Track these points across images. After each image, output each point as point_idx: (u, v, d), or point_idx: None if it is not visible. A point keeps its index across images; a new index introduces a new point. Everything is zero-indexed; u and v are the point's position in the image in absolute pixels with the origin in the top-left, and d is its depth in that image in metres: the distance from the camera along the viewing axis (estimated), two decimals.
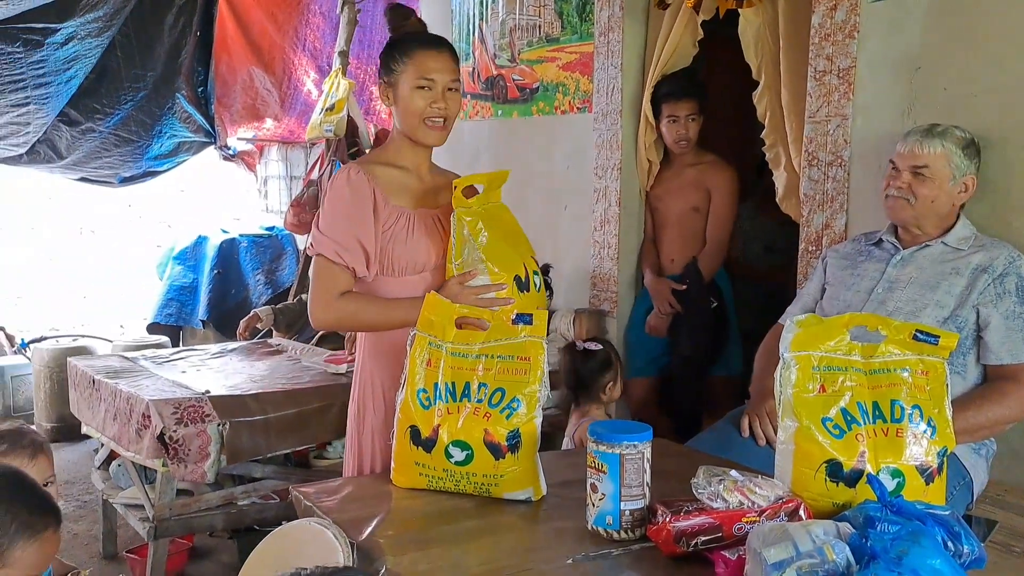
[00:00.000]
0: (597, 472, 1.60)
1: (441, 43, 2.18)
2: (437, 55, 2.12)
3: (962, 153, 2.22)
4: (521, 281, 2.11)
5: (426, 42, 2.15)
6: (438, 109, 2.10)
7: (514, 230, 2.24)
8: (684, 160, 3.73)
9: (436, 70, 2.10)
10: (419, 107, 2.10)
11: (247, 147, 6.25)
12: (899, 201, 2.27)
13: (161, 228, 6.89)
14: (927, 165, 2.23)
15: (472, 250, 2.08)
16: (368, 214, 2.08)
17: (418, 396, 1.85)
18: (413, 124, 2.13)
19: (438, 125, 2.13)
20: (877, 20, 2.64)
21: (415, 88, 2.10)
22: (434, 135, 2.14)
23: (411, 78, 2.10)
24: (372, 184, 2.10)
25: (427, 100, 2.10)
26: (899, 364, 1.54)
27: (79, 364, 3.52)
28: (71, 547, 3.63)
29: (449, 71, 2.12)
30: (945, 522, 1.30)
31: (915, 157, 2.24)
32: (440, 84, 2.10)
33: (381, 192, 2.11)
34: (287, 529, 1.71)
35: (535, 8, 4.28)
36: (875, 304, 2.26)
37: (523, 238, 2.25)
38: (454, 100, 2.13)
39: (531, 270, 2.16)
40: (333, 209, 2.10)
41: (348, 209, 2.08)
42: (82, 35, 4.47)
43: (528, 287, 2.13)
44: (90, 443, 4.23)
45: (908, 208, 2.27)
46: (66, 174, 5.43)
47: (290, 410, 3.10)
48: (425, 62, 2.10)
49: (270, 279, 5.96)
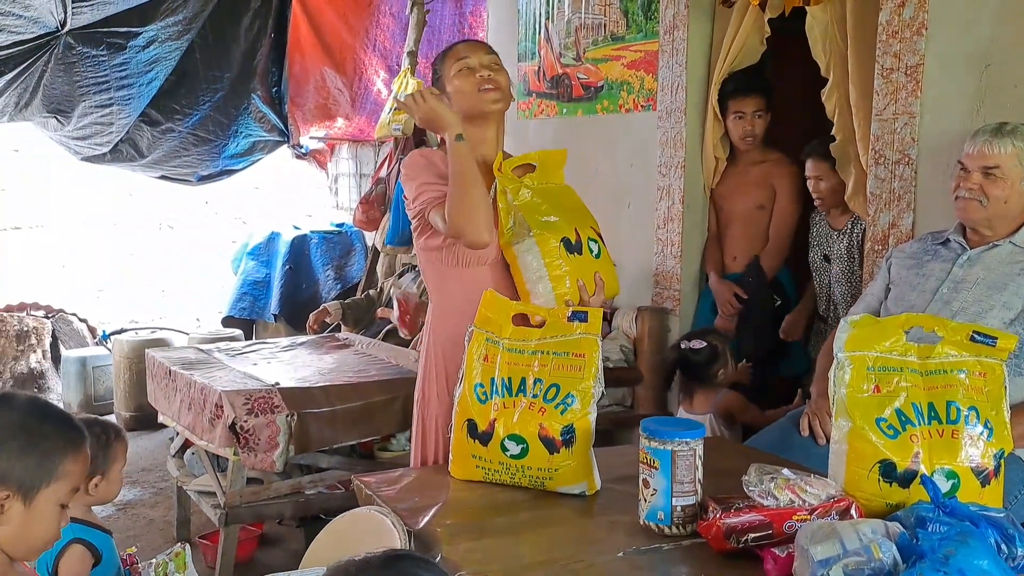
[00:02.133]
0: (649, 468, 1.62)
1: (471, 39, 2.29)
2: (469, 44, 2.28)
3: None
4: (571, 244, 2.09)
5: (456, 43, 2.31)
6: (482, 78, 2.19)
7: (574, 205, 2.24)
8: (750, 158, 3.71)
9: (470, 52, 2.23)
10: (466, 86, 2.19)
11: (319, 146, 6.39)
12: (971, 203, 2.23)
13: (236, 224, 7.07)
14: (998, 165, 2.19)
15: (517, 214, 2.09)
16: (441, 170, 2.16)
17: (475, 390, 1.90)
18: (469, 101, 2.19)
19: (491, 90, 2.20)
20: (946, 16, 2.60)
21: (458, 73, 2.21)
22: (490, 97, 2.20)
23: (451, 70, 2.22)
24: (444, 158, 2.16)
25: (471, 77, 2.20)
26: (956, 365, 1.53)
27: (156, 355, 3.66)
28: (147, 532, 3.77)
29: (483, 53, 2.24)
30: (999, 524, 1.29)
31: (985, 157, 2.20)
32: (479, 62, 2.21)
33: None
34: (348, 517, 1.77)
35: (600, 7, 4.29)
36: (940, 304, 2.23)
37: (584, 211, 2.24)
38: (500, 74, 2.22)
39: (586, 236, 2.15)
40: (417, 180, 2.18)
41: (423, 173, 2.18)
42: (163, 38, 4.64)
43: (579, 250, 2.11)
44: (166, 432, 4.39)
45: (981, 209, 2.22)
46: (147, 172, 5.62)
47: (356, 403, 3.18)
48: (458, 51, 2.24)
49: (339, 274, 6.07)
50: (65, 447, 1.45)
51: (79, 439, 1.49)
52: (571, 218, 2.15)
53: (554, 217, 2.11)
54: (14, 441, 1.39)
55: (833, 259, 3.36)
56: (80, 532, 2.01)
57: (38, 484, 1.40)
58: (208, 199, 6.86)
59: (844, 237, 3.32)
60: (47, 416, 1.48)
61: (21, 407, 1.46)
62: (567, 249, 2.08)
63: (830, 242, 3.38)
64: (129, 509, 4.04)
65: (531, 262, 2.07)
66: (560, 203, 2.17)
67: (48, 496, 1.41)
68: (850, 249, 3.29)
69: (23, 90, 4.52)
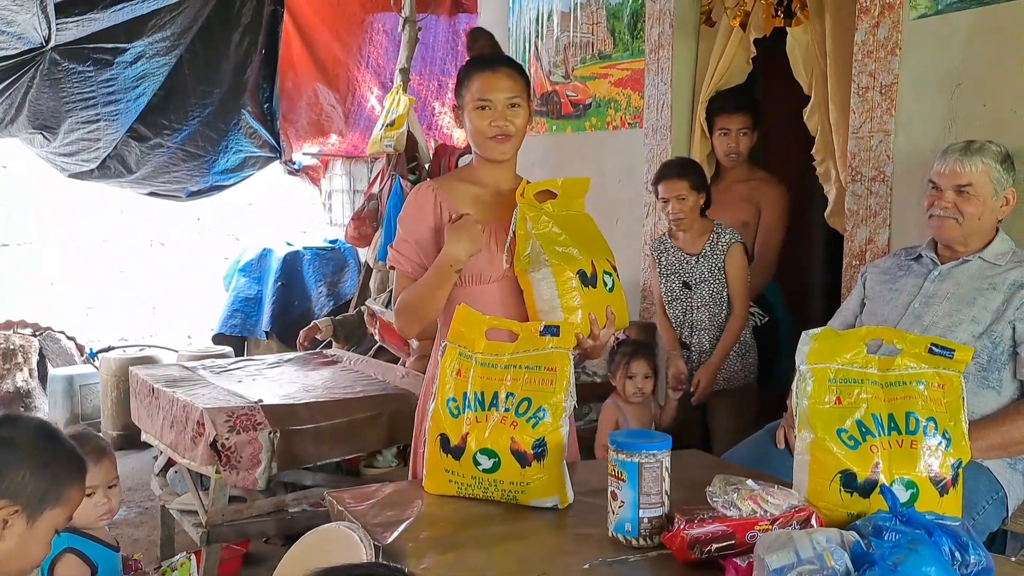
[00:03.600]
0: (617, 480, 1.64)
1: (499, 63, 2.24)
2: (493, 76, 2.19)
3: (1001, 167, 2.21)
4: (586, 276, 2.09)
5: (484, 65, 2.23)
6: (497, 127, 2.17)
7: (592, 236, 2.24)
8: (735, 175, 3.73)
9: (491, 89, 2.17)
10: (481, 126, 2.18)
11: (312, 162, 6.42)
12: (947, 221, 2.25)
13: (229, 241, 7.07)
14: (971, 183, 2.21)
15: (535, 244, 2.08)
16: (428, 221, 2.19)
17: (448, 405, 1.91)
18: (479, 142, 2.21)
19: (501, 140, 2.19)
20: (919, 37, 2.64)
21: (475, 110, 2.18)
22: (498, 149, 2.20)
23: (472, 100, 2.19)
24: (440, 198, 2.20)
25: (487, 119, 2.17)
26: (915, 377, 1.55)
27: (140, 373, 3.64)
28: (131, 552, 3.75)
29: (507, 89, 2.18)
30: (953, 533, 1.31)
31: (958, 176, 2.22)
32: (497, 103, 2.17)
33: (449, 204, 2.20)
34: (317, 532, 1.78)
35: (588, 26, 4.34)
36: (911, 319, 2.25)
37: (602, 243, 2.25)
38: (517, 115, 2.19)
39: (602, 269, 2.15)
40: (400, 227, 2.24)
41: (409, 223, 2.22)
42: (150, 54, 4.67)
43: (595, 283, 2.11)
44: (152, 451, 4.38)
45: (956, 227, 2.25)
46: (135, 189, 5.64)
47: (341, 419, 3.18)
48: (482, 84, 2.18)
49: (332, 291, 6.08)
50: (72, 473, 1.48)
51: (84, 468, 1.53)
52: (588, 249, 2.15)
53: (573, 249, 2.11)
54: (30, 459, 1.41)
55: (694, 284, 3.23)
56: (74, 542, 2.02)
57: (44, 505, 1.42)
58: (200, 215, 6.87)
59: (704, 260, 3.20)
60: (59, 441, 1.51)
61: (35, 428, 1.49)
62: (582, 282, 2.08)
63: (688, 268, 3.24)
64: (113, 529, 3.99)
65: (545, 291, 2.07)
66: (578, 233, 2.17)
67: (49, 519, 1.43)
68: (713, 270, 3.19)
69: (8, 106, 4.53)
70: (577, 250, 2.10)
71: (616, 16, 4.13)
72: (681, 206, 3.15)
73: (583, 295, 2.06)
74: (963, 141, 2.28)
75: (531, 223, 2.09)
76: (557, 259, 2.06)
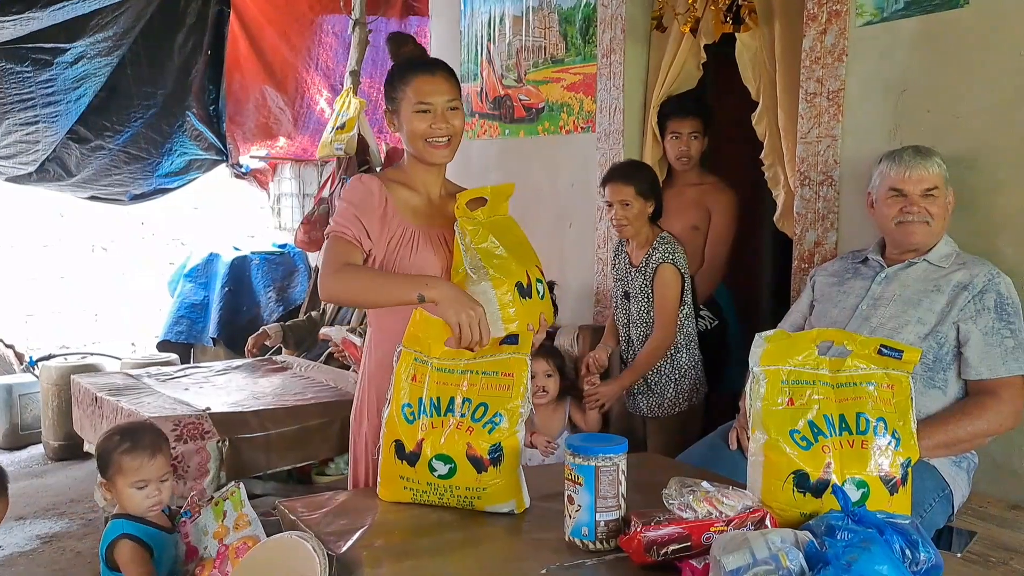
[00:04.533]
0: (573, 484, 1.63)
1: (436, 66, 2.23)
2: (432, 79, 2.18)
3: (946, 169, 2.27)
4: (523, 287, 2.12)
5: (421, 67, 2.21)
6: (439, 129, 2.16)
7: (520, 241, 2.26)
8: (686, 179, 3.77)
9: (433, 92, 2.16)
10: (421, 129, 2.16)
11: (260, 165, 6.33)
12: (920, 226, 2.27)
13: (174, 246, 6.94)
14: (936, 186, 2.27)
15: (474, 258, 2.10)
16: (374, 204, 2.16)
17: (403, 411, 1.89)
18: (418, 146, 2.19)
19: (441, 144, 2.18)
20: (865, 44, 2.69)
21: (415, 112, 2.16)
22: (439, 153, 2.20)
23: (411, 104, 2.16)
24: (385, 192, 2.18)
25: (427, 122, 2.16)
26: (865, 378, 1.57)
27: (82, 381, 3.57)
28: (74, 565, 3.65)
29: (446, 92, 2.17)
30: (904, 531, 1.33)
31: (923, 180, 2.26)
32: (438, 105, 2.16)
33: (392, 201, 2.19)
34: (269, 543, 1.75)
35: (541, 30, 4.35)
36: (859, 321, 2.29)
37: (529, 249, 2.27)
38: (456, 117, 2.19)
39: (534, 278, 2.17)
40: (344, 202, 2.18)
41: (356, 199, 2.17)
42: (92, 54, 4.55)
43: (530, 294, 2.14)
44: (95, 461, 4.27)
45: (928, 230, 2.28)
46: (76, 192, 5.47)
47: (291, 427, 3.14)
48: (422, 87, 2.16)
49: (281, 296, 5.99)
50: None
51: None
52: (521, 258, 2.18)
53: (510, 261, 2.13)
54: None
55: (632, 297, 3.20)
56: (129, 528, 2.16)
57: None
58: (145, 220, 6.73)
59: (640, 274, 3.14)
60: None
61: None
62: (520, 294, 2.10)
63: (630, 278, 3.20)
64: (56, 542, 3.90)
65: (485, 305, 2.05)
66: (509, 239, 2.20)
67: None
68: (644, 287, 3.13)
69: None
70: (514, 262, 2.13)
71: (568, 20, 4.15)
72: (625, 212, 3.06)
73: (520, 307, 2.09)
74: (908, 146, 2.34)
75: (469, 237, 2.11)
76: (497, 272, 2.08)
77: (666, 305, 3.07)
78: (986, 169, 2.39)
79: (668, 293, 3.06)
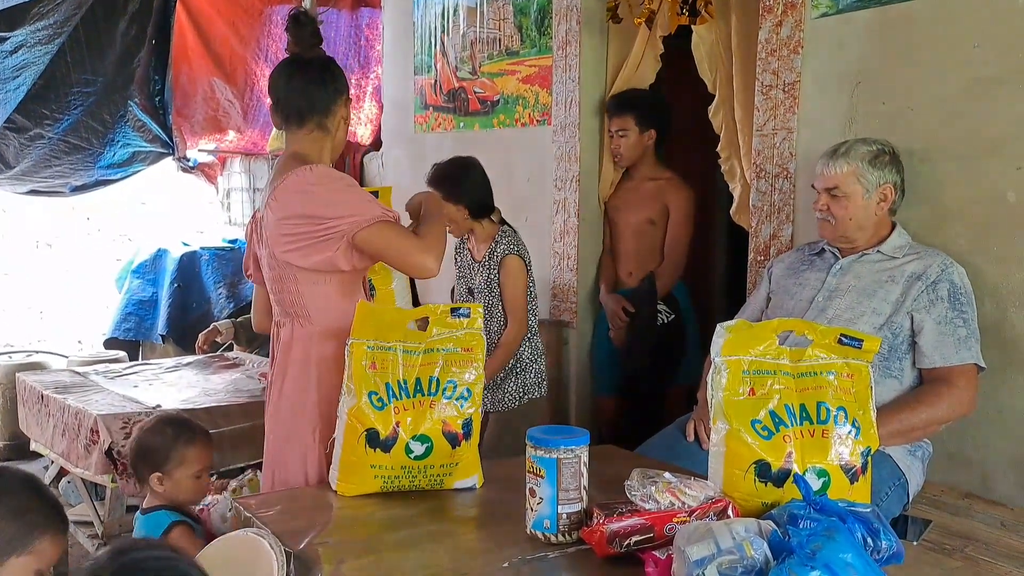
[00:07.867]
0: (535, 477, 1.62)
1: None
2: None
3: (870, 167, 2.29)
4: None
5: None
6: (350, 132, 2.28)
7: None
8: (642, 173, 3.78)
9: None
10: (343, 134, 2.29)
11: (208, 159, 6.20)
12: (823, 223, 2.37)
13: (121, 242, 6.79)
14: (837, 186, 2.31)
15: None
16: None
17: (369, 399, 1.87)
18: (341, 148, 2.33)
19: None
20: (821, 36, 2.71)
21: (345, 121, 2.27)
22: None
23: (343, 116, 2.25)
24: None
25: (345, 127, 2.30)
26: (825, 368, 1.58)
27: (28, 379, 3.49)
28: None
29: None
30: (865, 519, 1.33)
31: (825, 179, 2.33)
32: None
33: None
34: (222, 541, 1.71)
35: (495, 22, 4.32)
36: (816, 312, 2.31)
37: None
38: None
39: None
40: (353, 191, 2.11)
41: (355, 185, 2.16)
42: (32, 43, 4.41)
43: None
44: (42, 461, 4.16)
45: (831, 228, 2.36)
46: (14, 187, 5.25)
47: (244, 423, 3.09)
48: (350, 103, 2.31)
49: (232, 292, 5.87)
50: (47, 525, 1.50)
51: (63, 525, 1.55)
52: None
53: None
54: (3, 506, 1.45)
55: (476, 292, 3.23)
56: (176, 517, 2.25)
57: (10, 552, 1.43)
58: (90, 215, 6.56)
59: (484, 269, 3.17)
60: (40, 494, 1.54)
61: (16, 478, 1.54)
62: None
63: (473, 274, 3.24)
64: None
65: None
66: None
67: (15, 567, 1.44)
68: (490, 282, 3.16)
69: None
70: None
71: (523, 12, 4.13)
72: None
73: None
74: (836, 144, 2.37)
75: None
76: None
77: (516, 296, 3.12)
78: (938, 160, 2.42)
79: (516, 283, 3.12)
